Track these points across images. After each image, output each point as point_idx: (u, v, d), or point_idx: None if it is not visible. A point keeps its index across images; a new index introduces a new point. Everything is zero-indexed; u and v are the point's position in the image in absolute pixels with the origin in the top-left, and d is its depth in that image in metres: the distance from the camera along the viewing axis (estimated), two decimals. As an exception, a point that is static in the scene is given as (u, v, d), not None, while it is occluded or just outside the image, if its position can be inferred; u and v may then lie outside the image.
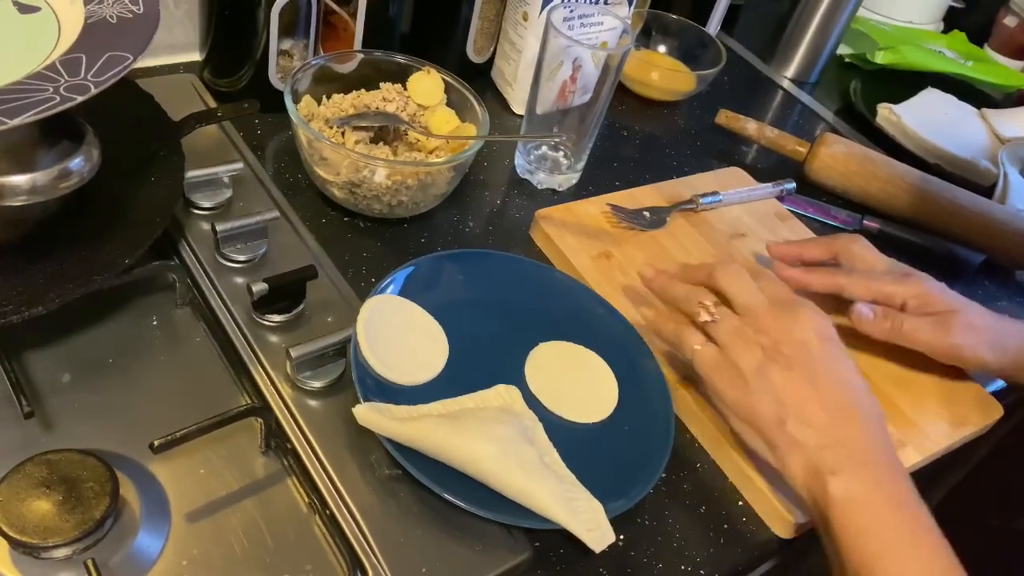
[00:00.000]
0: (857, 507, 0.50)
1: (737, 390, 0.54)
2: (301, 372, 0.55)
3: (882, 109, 1.05)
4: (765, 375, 0.53)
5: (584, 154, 0.80)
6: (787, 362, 0.53)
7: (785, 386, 0.53)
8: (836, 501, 0.50)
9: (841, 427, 0.52)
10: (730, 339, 0.55)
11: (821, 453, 0.52)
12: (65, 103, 0.44)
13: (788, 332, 0.54)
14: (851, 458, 0.52)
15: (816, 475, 0.51)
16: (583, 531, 0.51)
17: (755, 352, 0.54)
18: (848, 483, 0.51)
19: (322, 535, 0.50)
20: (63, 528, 0.43)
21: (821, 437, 0.52)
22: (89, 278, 0.52)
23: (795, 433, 0.52)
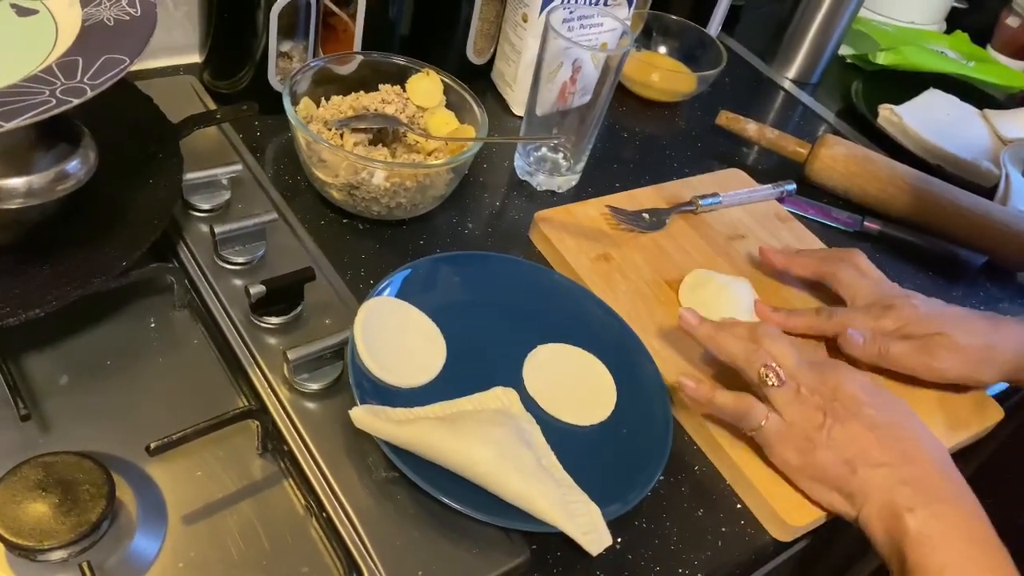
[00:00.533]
0: (935, 544, 0.50)
1: (804, 454, 0.55)
2: (298, 374, 0.55)
3: (883, 110, 1.05)
4: (827, 433, 0.55)
5: (584, 155, 0.80)
6: (844, 415, 0.55)
7: (848, 438, 0.54)
8: (913, 537, 0.51)
9: (910, 465, 0.53)
10: (791, 405, 0.56)
11: (895, 491, 0.52)
12: (61, 106, 0.44)
13: (837, 388, 0.56)
14: (926, 494, 0.52)
15: (892, 514, 0.52)
16: (580, 534, 0.51)
17: (815, 414, 0.55)
18: (925, 519, 0.51)
19: (319, 537, 0.50)
20: (59, 531, 0.43)
21: (893, 476, 0.53)
22: (87, 280, 0.52)
23: (867, 477, 0.53)
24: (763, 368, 0.56)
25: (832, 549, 0.76)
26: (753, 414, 0.56)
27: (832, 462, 0.54)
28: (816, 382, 0.56)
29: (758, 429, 0.56)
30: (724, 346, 0.59)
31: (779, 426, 0.56)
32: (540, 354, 0.62)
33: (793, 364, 0.57)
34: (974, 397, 0.69)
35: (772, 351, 0.57)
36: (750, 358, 0.57)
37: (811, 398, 0.56)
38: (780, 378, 0.56)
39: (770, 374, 0.56)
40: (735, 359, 0.59)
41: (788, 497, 0.57)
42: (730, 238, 0.79)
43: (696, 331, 0.60)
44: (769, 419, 0.56)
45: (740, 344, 0.58)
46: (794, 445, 0.56)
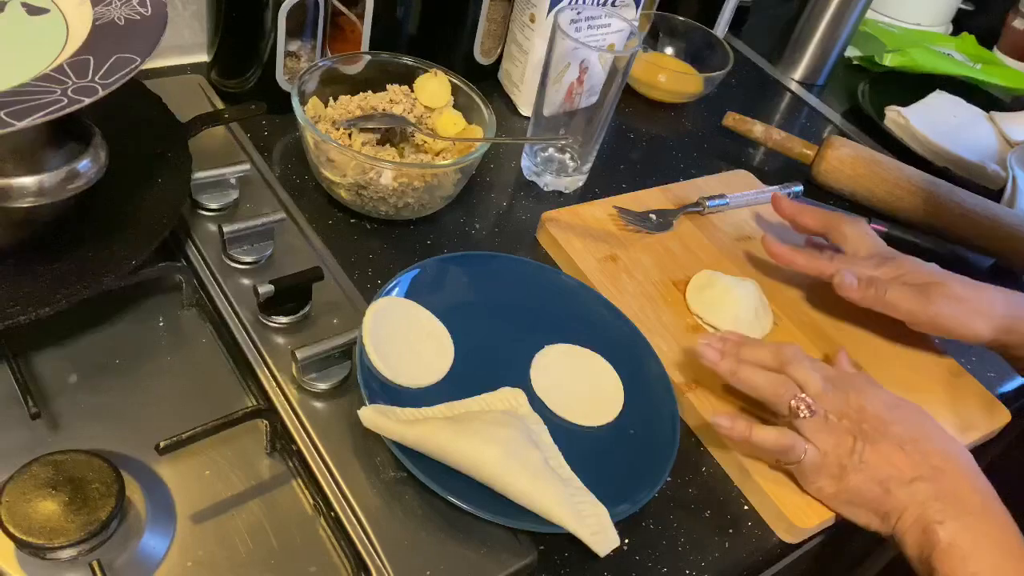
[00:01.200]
0: (965, 555, 0.51)
1: (838, 480, 0.55)
2: (306, 374, 0.55)
3: (890, 112, 1.05)
4: (859, 457, 0.55)
5: (591, 156, 0.80)
6: (873, 436, 0.55)
7: (878, 459, 0.55)
8: (943, 549, 0.51)
9: (940, 478, 0.54)
10: (821, 434, 0.56)
11: (927, 506, 0.53)
12: (73, 105, 0.44)
13: (861, 409, 0.56)
14: (955, 507, 0.53)
15: (924, 528, 0.52)
16: (588, 535, 0.51)
17: (845, 439, 0.55)
18: (955, 531, 0.51)
19: (327, 537, 0.50)
20: (69, 529, 0.43)
21: (924, 491, 0.53)
22: (96, 279, 0.52)
23: (901, 496, 0.54)
24: (794, 401, 0.56)
25: (840, 552, 0.76)
26: (795, 449, 0.55)
27: (866, 485, 0.55)
28: (842, 405, 0.56)
29: (798, 464, 0.56)
30: (749, 381, 0.58)
31: (816, 458, 0.55)
32: (547, 355, 0.62)
33: (819, 389, 0.57)
34: (981, 399, 0.70)
35: (797, 377, 0.57)
36: (778, 391, 0.57)
37: (840, 423, 0.56)
38: (812, 409, 0.56)
39: (801, 406, 0.56)
40: (762, 393, 0.58)
41: (795, 499, 0.57)
42: (737, 239, 0.79)
43: (719, 368, 0.60)
44: (808, 453, 0.55)
45: (765, 377, 0.58)
46: (828, 473, 0.55)
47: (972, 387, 0.70)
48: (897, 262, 0.68)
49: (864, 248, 0.70)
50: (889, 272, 0.68)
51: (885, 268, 0.68)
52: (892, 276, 0.67)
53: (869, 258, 0.69)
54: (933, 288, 0.66)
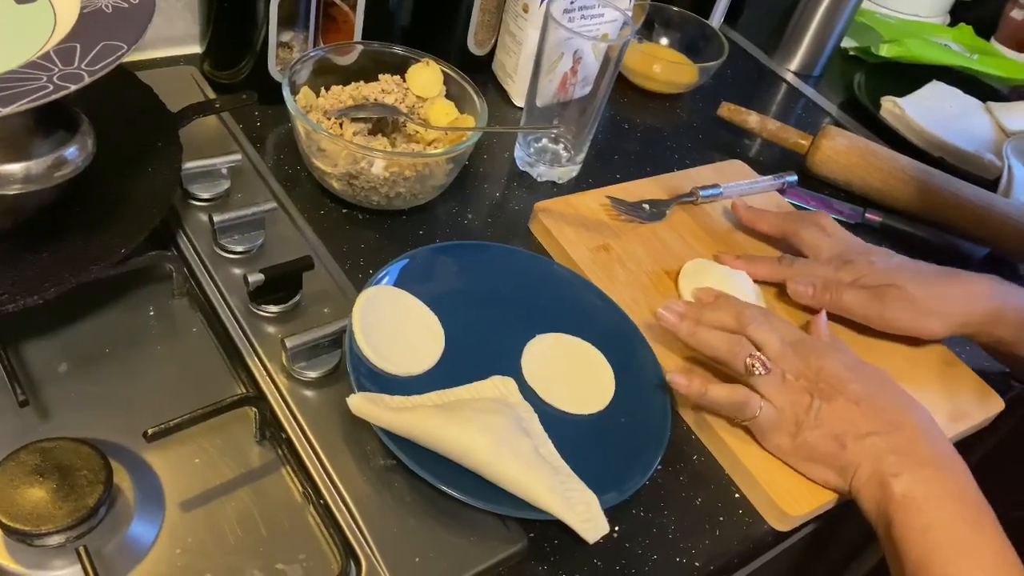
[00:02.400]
0: (919, 506, 0.52)
1: (794, 437, 0.56)
2: (296, 362, 0.55)
3: (886, 102, 1.04)
4: (815, 413, 0.56)
5: (584, 146, 0.80)
6: (829, 394, 0.56)
7: (834, 415, 0.56)
8: (898, 501, 0.52)
9: (896, 433, 0.55)
10: (779, 392, 0.57)
11: (882, 459, 0.54)
12: (59, 92, 0.44)
13: (820, 369, 0.57)
14: (911, 459, 0.54)
15: (879, 481, 0.53)
16: (577, 522, 0.51)
17: (802, 397, 0.56)
18: (909, 483, 0.52)
19: (316, 525, 0.50)
20: (56, 515, 0.43)
21: (880, 445, 0.54)
22: (85, 268, 0.52)
23: (856, 450, 0.55)
24: (748, 359, 0.57)
25: (832, 542, 0.76)
26: (750, 405, 0.57)
27: (821, 440, 0.55)
28: (801, 365, 0.57)
29: (753, 419, 0.57)
30: (706, 342, 0.59)
31: (771, 414, 0.56)
32: (539, 344, 0.62)
33: (777, 350, 0.58)
34: (975, 388, 0.69)
35: (756, 338, 0.58)
36: (734, 350, 0.58)
37: (797, 382, 0.57)
38: (766, 367, 0.56)
39: (756, 364, 0.56)
40: (719, 353, 0.59)
41: (787, 487, 0.57)
42: (731, 230, 0.78)
43: (676, 330, 0.60)
44: (763, 408, 0.56)
45: (722, 338, 0.59)
46: (785, 430, 0.56)
47: (966, 376, 0.70)
48: (855, 265, 0.69)
49: (824, 250, 0.71)
50: (847, 275, 0.68)
51: (844, 271, 0.68)
52: (850, 279, 0.68)
53: (829, 261, 0.70)
54: (888, 292, 0.67)
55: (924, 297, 0.67)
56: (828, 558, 0.86)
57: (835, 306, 0.68)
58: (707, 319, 0.60)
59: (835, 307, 0.68)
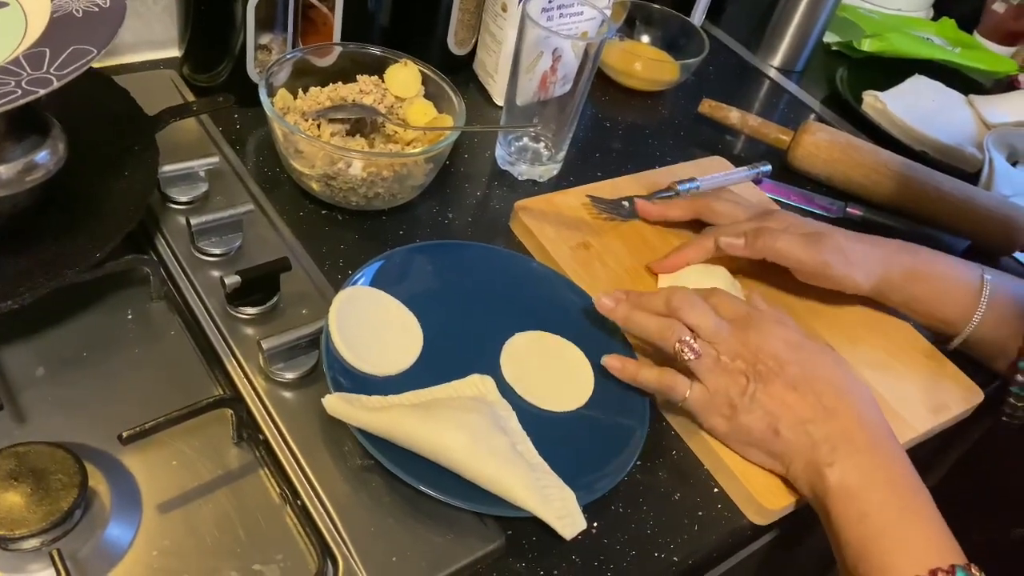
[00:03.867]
0: (854, 493, 0.52)
1: (729, 419, 0.56)
2: (274, 364, 0.55)
3: (867, 96, 1.05)
4: (750, 396, 0.55)
5: (564, 145, 0.80)
6: (766, 376, 0.55)
7: (770, 399, 0.55)
8: (834, 490, 0.52)
9: (831, 420, 0.54)
10: (711, 374, 0.56)
11: (816, 449, 0.54)
12: (27, 96, 0.44)
13: (758, 350, 0.56)
14: (845, 447, 0.53)
15: (815, 470, 0.53)
16: (554, 519, 0.51)
17: (738, 379, 0.56)
18: (844, 471, 0.52)
19: (293, 525, 0.50)
20: (30, 519, 0.43)
21: (814, 434, 0.54)
22: (60, 272, 0.52)
23: (790, 437, 0.54)
24: (678, 344, 0.56)
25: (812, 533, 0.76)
26: (677, 388, 0.57)
27: (756, 425, 0.55)
28: (737, 346, 0.56)
29: (684, 401, 0.57)
30: (640, 325, 0.59)
31: (703, 395, 0.56)
32: (518, 342, 0.62)
33: (711, 330, 0.57)
34: (955, 379, 0.70)
35: (688, 320, 0.57)
36: (664, 334, 0.57)
37: (732, 363, 0.56)
38: (695, 351, 0.56)
39: (684, 349, 0.56)
40: (651, 337, 0.59)
41: (765, 481, 0.57)
42: (710, 225, 0.78)
43: (612, 315, 0.60)
44: (692, 389, 0.56)
45: (653, 321, 0.58)
46: (719, 412, 0.56)
47: (946, 367, 0.71)
48: (780, 215, 0.70)
49: (741, 213, 0.72)
50: (775, 224, 0.68)
51: (770, 221, 0.69)
52: (782, 226, 0.68)
53: (749, 220, 0.71)
54: (820, 238, 0.67)
55: (851, 249, 0.67)
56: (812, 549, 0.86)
57: (770, 251, 0.67)
58: (644, 303, 0.60)
59: (770, 252, 0.67)
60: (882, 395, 0.66)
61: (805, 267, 0.67)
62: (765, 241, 0.67)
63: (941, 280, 0.69)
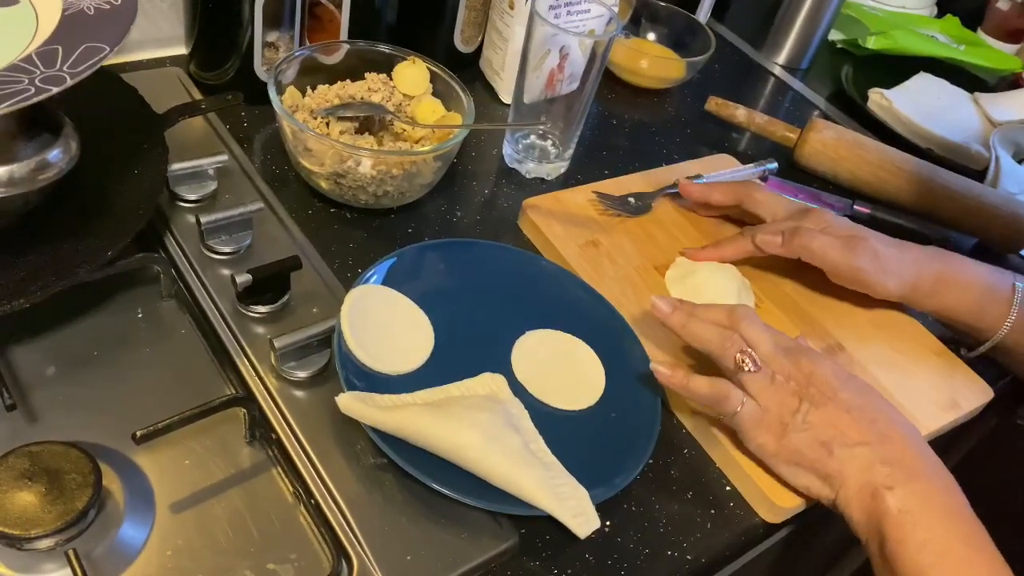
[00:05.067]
0: (916, 520, 0.50)
1: (780, 438, 0.55)
2: (285, 362, 0.55)
3: (873, 94, 1.05)
4: (802, 417, 0.54)
5: (572, 142, 0.80)
6: (819, 400, 0.55)
7: (823, 421, 0.54)
8: (894, 515, 0.51)
9: (886, 445, 0.53)
10: (766, 391, 0.55)
11: (874, 471, 0.52)
12: (40, 94, 0.44)
13: (811, 374, 0.56)
14: (904, 472, 0.52)
15: (871, 492, 0.52)
16: (568, 517, 0.51)
17: (790, 399, 0.55)
18: (903, 497, 0.51)
19: (307, 525, 0.50)
20: (45, 519, 0.43)
21: (870, 456, 0.53)
22: (71, 271, 0.52)
23: (844, 458, 0.53)
24: (739, 354, 0.56)
25: (824, 532, 0.76)
26: (730, 400, 0.56)
27: (808, 445, 0.54)
28: (791, 368, 0.56)
29: (734, 415, 0.56)
30: (697, 334, 0.58)
31: (754, 412, 0.55)
32: (528, 340, 0.62)
33: (769, 350, 0.56)
34: (965, 377, 0.70)
35: (748, 336, 0.57)
36: (724, 344, 0.57)
37: (786, 384, 0.55)
38: (756, 363, 0.56)
39: (746, 359, 0.56)
40: (709, 347, 0.58)
41: (777, 479, 0.57)
42: (718, 223, 0.78)
43: (669, 320, 0.60)
44: (745, 405, 0.55)
45: (714, 331, 0.58)
46: (769, 430, 0.55)
47: (956, 365, 0.71)
48: (817, 214, 0.69)
49: (781, 209, 0.72)
50: (812, 224, 0.68)
51: (808, 220, 0.69)
52: (819, 226, 0.68)
53: (788, 217, 0.70)
54: (857, 242, 0.67)
55: (885, 254, 0.67)
56: (819, 549, 0.86)
57: (805, 251, 0.67)
58: (700, 313, 0.59)
59: (805, 252, 0.67)
60: (892, 393, 0.66)
61: (839, 270, 0.67)
62: (801, 240, 0.67)
63: (972, 287, 0.68)
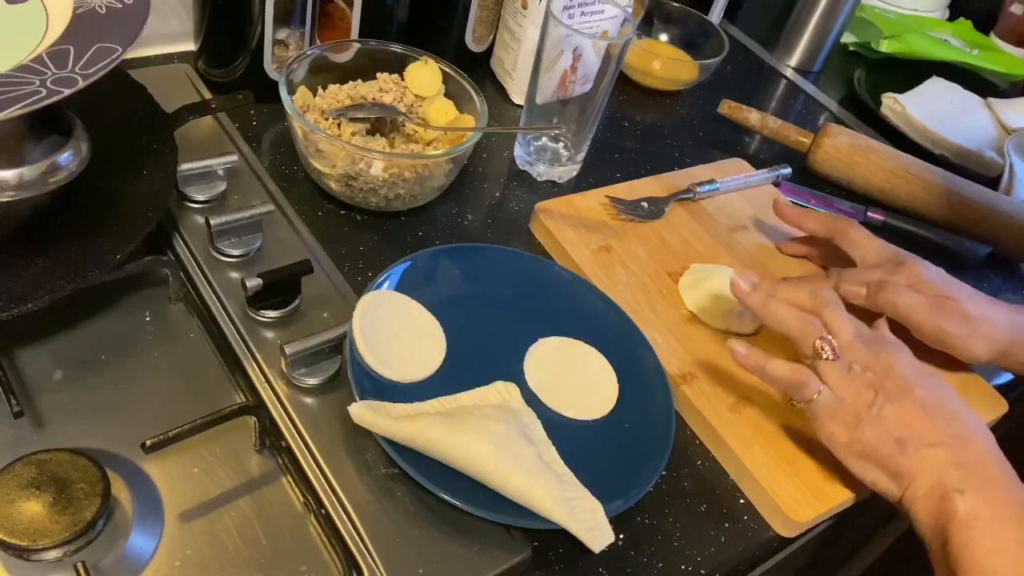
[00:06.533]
0: (984, 527, 0.50)
1: (853, 429, 0.54)
2: (296, 369, 0.54)
3: (886, 99, 1.04)
4: (877, 410, 0.53)
5: (584, 145, 0.79)
6: (896, 395, 0.54)
7: (898, 417, 0.53)
8: (961, 519, 0.50)
9: (962, 447, 0.53)
10: (843, 380, 0.54)
11: (947, 471, 0.51)
12: (52, 96, 0.43)
13: (889, 367, 0.54)
14: (977, 477, 0.51)
15: (942, 493, 0.51)
16: (582, 531, 0.50)
17: (866, 391, 0.54)
18: (975, 501, 0.50)
19: (317, 535, 0.49)
20: (53, 530, 0.43)
21: (945, 457, 0.52)
22: (80, 274, 0.51)
23: (918, 457, 0.52)
24: (819, 341, 0.55)
25: (837, 541, 0.75)
26: (809, 386, 0.54)
27: (881, 440, 0.53)
28: (870, 359, 0.55)
29: (810, 402, 0.54)
30: (777, 315, 0.57)
31: (830, 400, 0.54)
32: (541, 348, 0.61)
33: (849, 338, 0.55)
34: (979, 389, 0.69)
35: (829, 322, 0.56)
36: (804, 329, 0.55)
37: (863, 375, 0.54)
38: (835, 351, 0.54)
39: (825, 347, 0.54)
40: (789, 329, 0.56)
41: (792, 492, 0.57)
42: (732, 229, 0.78)
43: (748, 299, 0.58)
44: (822, 392, 0.54)
45: (794, 314, 0.56)
46: (843, 421, 0.54)
47: (969, 378, 0.70)
48: (909, 268, 0.66)
49: (872, 252, 0.69)
50: (901, 279, 0.65)
51: (898, 275, 0.65)
52: (909, 282, 0.65)
53: (879, 265, 0.67)
54: (946, 302, 0.64)
55: (977, 317, 0.64)
56: (834, 556, 0.86)
57: (890, 308, 0.64)
58: (781, 294, 0.58)
59: (890, 309, 0.64)
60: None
61: (924, 332, 0.64)
62: (887, 297, 0.64)
63: None
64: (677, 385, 0.62)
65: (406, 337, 0.57)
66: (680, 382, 0.62)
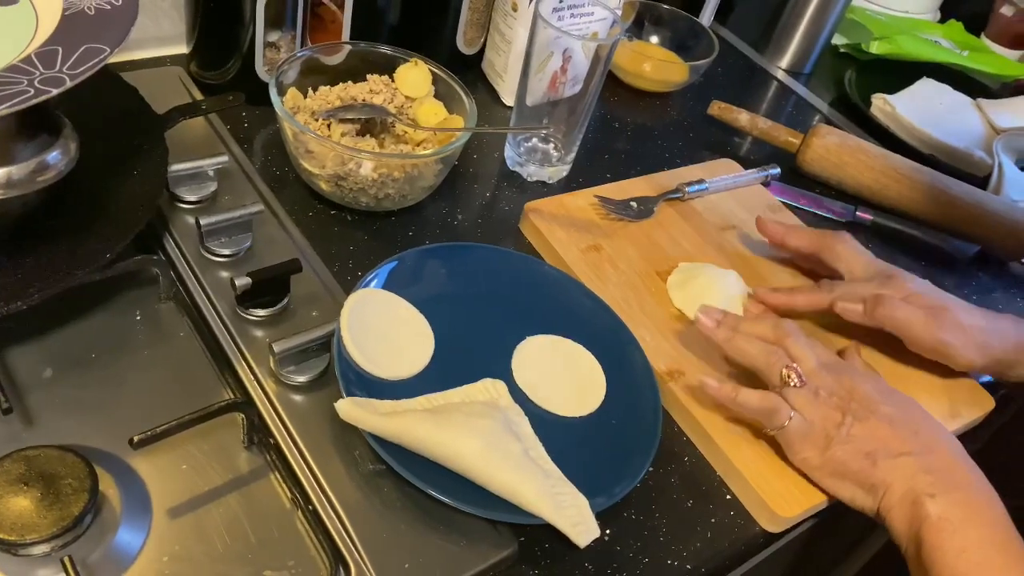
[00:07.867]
0: (955, 528, 0.51)
1: (824, 450, 0.56)
2: (284, 367, 0.55)
3: (876, 99, 1.04)
4: (847, 430, 0.55)
5: (574, 146, 0.80)
6: (862, 413, 0.56)
7: (867, 433, 0.55)
8: (932, 522, 0.51)
9: (930, 454, 0.54)
10: (811, 406, 0.56)
11: (917, 479, 0.53)
12: (39, 96, 0.44)
13: (852, 389, 0.57)
14: (946, 481, 0.53)
15: (914, 499, 0.53)
16: (568, 526, 0.50)
17: (834, 413, 0.56)
18: (946, 504, 0.52)
19: (305, 531, 0.50)
20: (41, 525, 0.43)
21: (914, 465, 0.54)
22: (70, 272, 0.52)
23: (888, 467, 0.54)
24: (785, 369, 0.57)
25: (826, 543, 0.76)
26: (780, 413, 0.56)
27: (852, 456, 0.55)
28: (833, 384, 0.57)
29: (781, 428, 0.56)
30: (742, 349, 0.59)
31: (801, 425, 0.56)
32: (529, 346, 0.62)
33: (813, 366, 0.57)
34: (967, 387, 0.69)
35: (792, 352, 0.58)
36: (769, 360, 0.58)
37: (829, 399, 0.56)
38: (801, 378, 0.56)
39: (792, 374, 0.57)
40: (754, 361, 0.59)
41: (778, 488, 0.57)
42: (721, 228, 0.78)
43: (713, 334, 0.60)
44: (793, 418, 0.56)
45: (759, 346, 0.59)
46: (814, 444, 0.56)
47: (955, 374, 0.70)
48: (899, 280, 0.66)
49: (859, 267, 0.69)
50: (895, 291, 0.66)
51: (890, 287, 0.66)
52: (901, 295, 0.65)
53: (869, 279, 0.68)
54: (941, 313, 0.65)
55: (971, 327, 0.65)
56: (819, 559, 0.86)
57: (888, 322, 0.64)
58: (744, 328, 0.60)
59: (888, 323, 0.65)
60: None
61: (922, 343, 0.65)
62: (885, 311, 0.64)
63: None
64: (665, 382, 0.62)
65: (394, 335, 0.58)
66: (668, 379, 0.62)
